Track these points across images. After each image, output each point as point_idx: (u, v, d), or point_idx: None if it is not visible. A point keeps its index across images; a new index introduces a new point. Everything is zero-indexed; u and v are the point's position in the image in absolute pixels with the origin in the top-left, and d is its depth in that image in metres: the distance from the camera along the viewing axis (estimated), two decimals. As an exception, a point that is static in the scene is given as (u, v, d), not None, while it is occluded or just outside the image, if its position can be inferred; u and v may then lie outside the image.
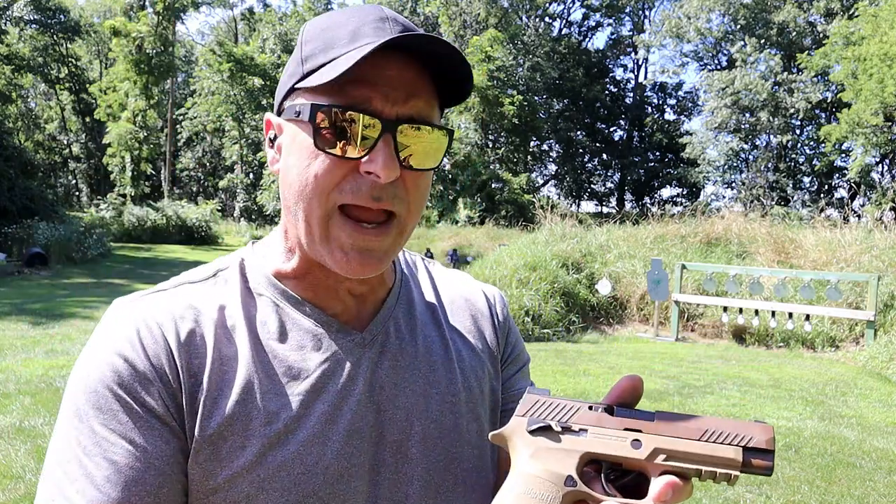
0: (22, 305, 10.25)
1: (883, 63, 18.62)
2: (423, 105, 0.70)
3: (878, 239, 11.27)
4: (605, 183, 41.49)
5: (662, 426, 0.60)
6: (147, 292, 0.77)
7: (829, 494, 4.14)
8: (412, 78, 0.69)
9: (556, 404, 0.63)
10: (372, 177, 0.68)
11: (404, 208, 0.71)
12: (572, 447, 0.61)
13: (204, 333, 0.72)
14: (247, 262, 0.81)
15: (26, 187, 19.02)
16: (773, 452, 0.58)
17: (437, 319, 0.87)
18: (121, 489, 0.65)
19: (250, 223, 31.99)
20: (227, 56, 27.93)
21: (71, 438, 0.68)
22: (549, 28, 38.25)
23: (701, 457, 0.58)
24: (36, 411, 5.12)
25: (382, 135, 0.67)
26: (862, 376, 7.64)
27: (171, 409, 0.69)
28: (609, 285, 10.52)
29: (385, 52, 0.67)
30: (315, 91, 0.69)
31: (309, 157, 0.70)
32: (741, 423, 0.59)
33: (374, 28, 0.70)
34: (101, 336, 0.72)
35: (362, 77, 0.67)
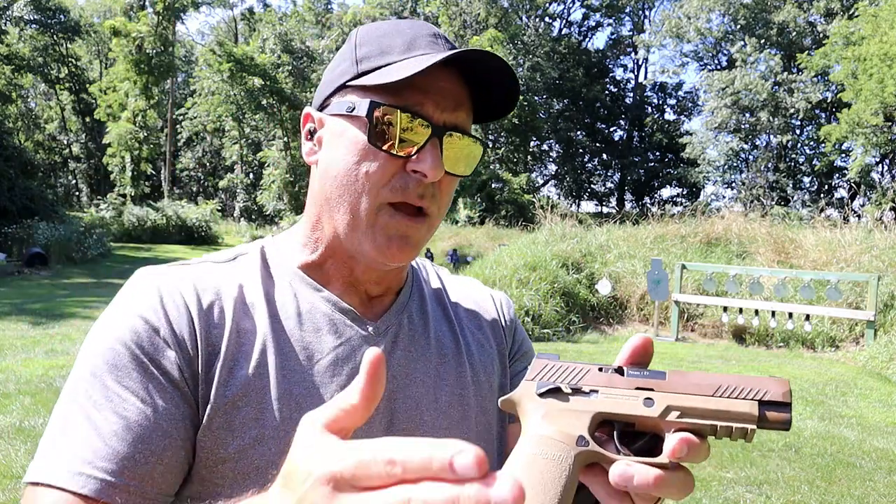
0: (22, 305, 10.25)
1: (883, 63, 18.61)
2: (465, 117, 0.77)
3: (878, 239, 11.27)
4: (605, 183, 41.50)
5: (675, 384, 0.59)
6: (171, 264, 0.80)
7: (829, 494, 4.14)
8: (460, 92, 0.75)
9: (565, 367, 0.62)
10: (418, 175, 0.73)
11: (435, 208, 0.77)
12: (583, 407, 0.60)
13: (224, 307, 0.75)
14: (267, 249, 0.84)
15: (26, 187, 19.01)
16: (790, 405, 0.57)
17: (448, 316, 0.90)
18: (127, 445, 0.65)
19: (250, 223, 31.99)
20: (227, 56, 27.89)
21: (80, 392, 0.68)
22: (549, 28, 38.24)
23: (715, 412, 0.57)
24: (36, 411, 5.12)
25: (431, 138, 0.73)
26: (862, 376, 7.64)
27: (186, 376, 0.70)
28: (609, 285, 10.52)
29: (440, 66, 0.72)
30: (370, 90, 0.74)
31: (359, 152, 0.74)
32: (755, 378, 0.58)
33: (429, 42, 0.76)
34: (123, 299, 0.74)
35: (418, 84, 0.72)
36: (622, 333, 10.29)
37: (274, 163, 29.64)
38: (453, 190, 0.80)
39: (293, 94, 29.57)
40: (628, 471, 0.55)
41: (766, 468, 4.54)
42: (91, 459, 0.64)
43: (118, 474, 0.64)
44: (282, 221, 26.32)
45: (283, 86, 29.18)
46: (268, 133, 32.96)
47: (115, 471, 0.64)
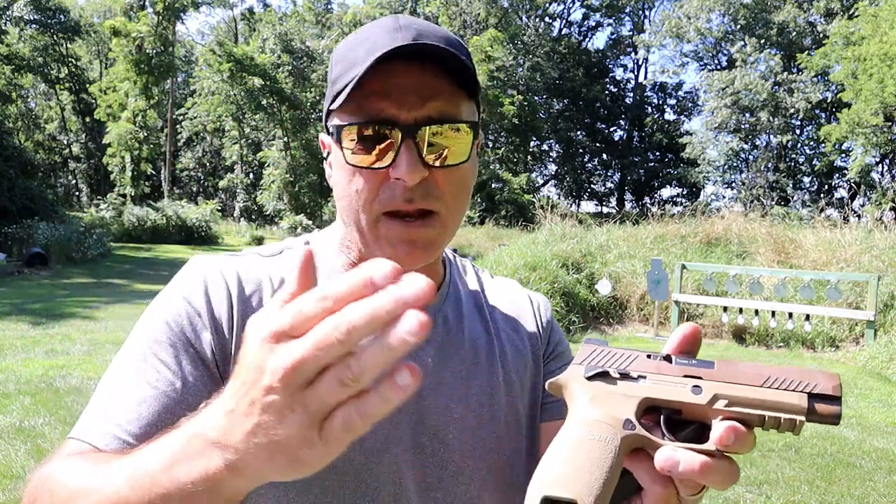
0: (22, 305, 10.25)
1: (883, 63, 18.61)
2: (444, 104, 0.73)
3: (878, 239, 11.26)
4: (605, 183, 41.49)
5: (723, 373, 0.58)
6: (222, 255, 0.85)
7: (829, 494, 4.14)
8: (428, 81, 0.73)
9: (613, 353, 0.62)
10: (401, 181, 0.73)
11: (442, 204, 0.76)
12: (631, 392, 0.59)
13: (263, 297, 0.80)
14: (312, 243, 0.89)
15: (26, 187, 19.00)
16: (840, 399, 0.55)
17: (484, 316, 0.92)
18: (152, 412, 0.70)
19: (250, 223, 31.98)
20: (227, 56, 27.88)
21: (125, 361, 0.75)
22: (549, 28, 38.24)
23: (764, 402, 0.56)
24: (36, 411, 5.12)
25: (403, 140, 0.72)
26: (862, 376, 7.64)
27: (218, 358, 0.75)
28: (609, 285, 10.52)
29: (394, 62, 0.71)
30: (340, 111, 0.75)
31: (347, 173, 0.76)
32: (805, 371, 0.57)
33: (389, 39, 0.73)
34: (175, 282, 0.80)
35: (377, 90, 0.72)
36: (622, 333, 10.30)
37: (274, 163, 29.64)
38: (461, 178, 0.77)
39: (293, 94, 29.56)
40: (674, 456, 0.55)
41: (766, 468, 4.54)
42: (120, 422, 0.69)
43: (140, 437, 0.68)
44: (282, 221, 26.31)
45: (283, 86, 29.17)
46: (268, 133, 32.95)
47: (137, 434, 0.68)
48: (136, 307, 10.70)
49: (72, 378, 6.08)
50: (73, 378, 6.08)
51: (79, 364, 6.64)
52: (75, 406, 5.27)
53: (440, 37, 0.75)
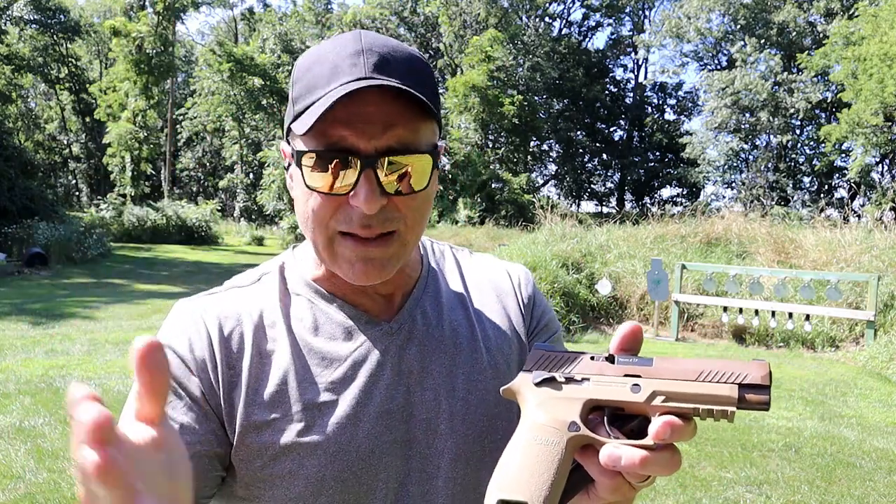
0: (22, 305, 10.24)
1: (883, 63, 18.61)
2: (404, 133, 0.74)
3: (878, 239, 11.26)
4: (605, 183, 41.47)
5: (661, 370, 0.62)
6: (203, 295, 0.88)
7: (829, 494, 4.14)
8: (388, 110, 0.73)
9: (560, 357, 0.66)
10: (359, 209, 0.74)
11: (402, 225, 0.77)
12: (575, 395, 0.64)
13: (244, 333, 0.82)
14: (286, 265, 0.90)
15: (26, 187, 19.00)
16: (769, 387, 0.59)
17: (464, 304, 0.93)
18: None
19: (250, 223, 31.97)
20: (227, 56, 27.91)
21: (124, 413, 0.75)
22: (549, 28, 38.22)
23: (697, 396, 0.59)
24: (36, 411, 5.12)
25: (363, 170, 0.72)
26: (862, 376, 7.64)
27: (209, 398, 0.79)
28: (609, 285, 10.51)
29: (360, 91, 0.71)
30: (302, 136, 0.74)
31: (305, 193, 0.77)
32: (737, 363, 0.61)
33: (350, 65, 0.73)
34: (163, 329, 0.84)
35: (339, 118, 0.72)
36: (622, 333, 10.29)
37: (274, 163, 29.62)
38: (421, 201, 0.77)
39: (293, 94, 29.54)
40: (616, 452, 0.59)
41: (766, 468, 4.54)
42: None
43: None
44: (281, 221, 26.31)
45: (283, 86, 29.18)
46: (268, 133, 32.95)
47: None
48: (136, 307, 10.70)
49: (72, 378, 6.08)
50: (73, 378, 6.08)
51: (79, 364, 6.64)
52: (75, 406, 5.27)
53: (401, 61, 0.75)
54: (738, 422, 5.61)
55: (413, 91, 0.72)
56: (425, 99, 0.73)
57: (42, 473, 3.99)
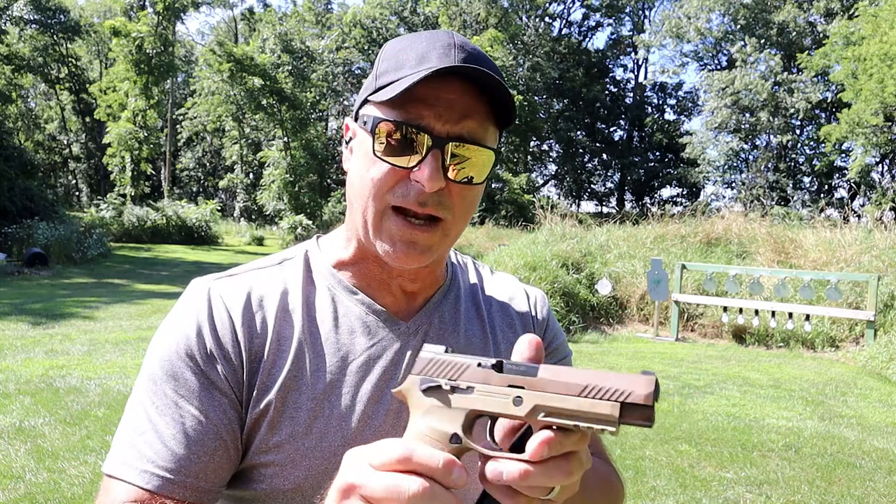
0: (22, 305, 10.24)
1: (883, 63, 18.61)
2: (475, 126, 0.78)
3: (878, 239, 11.27)
4: (605, 183, 41.47)
5: (545, 382, 0.60)
6: (221, 275, 0.88)
7: (829, 494, 4.14)
8: (468, 102, 0.77)
9: (447, 363, 0.64)
10: (419, 185, 0.77)
11: (449, 214, 0.80)
12: (459, 405, 0.62)
13: (266, 316, 0.83)
14: (311, 253, 0.92)
15: (26, 187, 19.00)
16: (653, 407, 0.57)
17: (481, 316, 0.95)
18: (184, 447, 0.76)
19: (250, 223, 31.96)
20: (227, 56, 27.87)
21: (145, 398, 0.79)
22: (549, 28, 38.22)
23: (578, 413, 0.58)
24: (36, 411, 5.12)
25: (432, 149, 0.76)
26: (862, 376, 7.64)
27: (232, 384, 0.80)
28: (609, 285, 10.51)
29: (446, 77, 0.76)
30: (381, 105, 0.79)
31: (369, 161, 0.79)
32: (625, 378, 0.58)
33: (440, 54, 0.78)
34: (179, 311, 0.84)
35: (423, 97, 0.76)
36: (622, 333, 10.30)
37: (274, 163, 29.63)
38: (472, 195, 0.81)
39: (293, 94, 29.55)
40: (497, 468, 0.58)
41: (766, 468, 4.54)
42: (154, 459, 0.75)
43: (176, 472, 0.75)
44: (282, 221, 26.30)
45: (283, 86, 29.16)
46: (268, 133, 32.94)
47: (173, 469, 0.75)
48: (136, 307, 10.70)
49: (72, 378, 6.08)
50: (73, 378, 6.08)
51: (79, 364, 6.64)
52: (75, 406, 5.27)
53: (491, 65, 0.80)
54: (738, 422, 5.61)
55: (501, 80, 0.76)
56: (509, 90, 0.77)
57: (42, 473, 3.99)
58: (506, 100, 0.79)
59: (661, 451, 4.82)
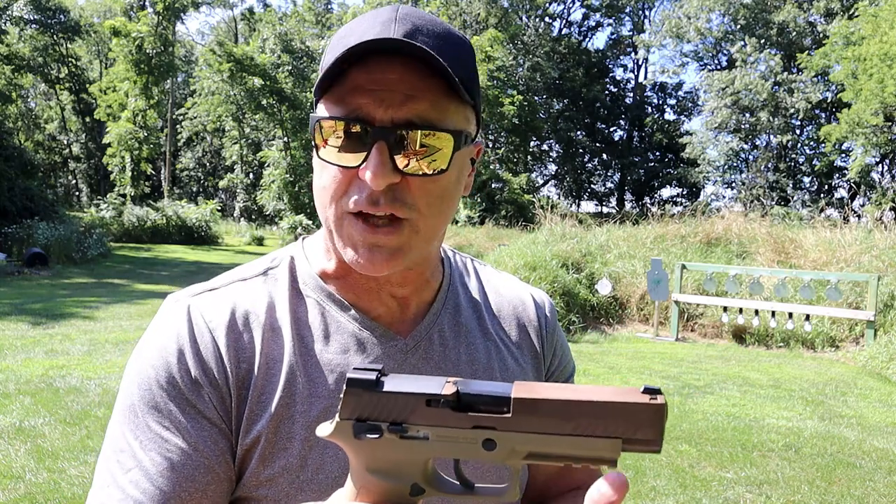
0: (22, 305, 10.24)
1: (883, 63, 18.61)
2: (426, 107, 0.67)
3: (878, 239, 11.26)
4: (605, 183, 41.48)
5: (521, 419, 0.48)
6: (200, 290, 0.79)
7: (829, 494, 4.14)
8: (413, 81, 0.67)
9: (385, 402, 0.51)
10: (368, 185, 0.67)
11: (412, 212, 0.70)
12: (411, 456, 0.51)
13: (253, 335, 0.75)
14: (296, 260, 0.83)
15: (26, 187, 19.00)
16: (660, 440, 0.47)
17: (484, 327, 0.88)
18: (173, 484, 0.68)
19: (250, 223, 31.97)
20: (227, 56, 27.88)
21: (127, 431, 0.71)
22: (549, 28, 38.23)
23: (568, 457, 0.48)
24: (36, 411, 5.12)
25: (376, 142, 0.66)
26: (862, 376, 7.64)
27: (220, 412, 0.72)
28: (609, 285, 10.51)
29: (386, 57, 0.67)
30: (324, 101, 0.70)
31: (320, 167, 0.72)
32: (623, 406, 0.47)
33: (379, 31, 0.68)
34: (156, 333, 0.75)
35: (360, 84, 0.67)
36: (622, 333, 10.30)
37: (274, 163, 29.64)
38: (438, 187, 0.71)
39: (293, 94, 29.55)
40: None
41: (766, 468, 4.54)
42: (141, 500, 0.68)
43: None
44: (281, 221, 26.30)
45: (283, 86, 29.17)
46: (268, 133, 32.95)
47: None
48: (136, 307, 10.70)
49: (72, 378, 6.08)
50: (73, 378, 6.08)
51: (79, 364, 6.64)
52: (75, 406, 5.27)
53: (436, 34, 0.70)
54: (738, 422, 5.61)
55: (437, 56, 0.65)
56: (451, 72, 0.65)
57: (42, 473, 3.99)
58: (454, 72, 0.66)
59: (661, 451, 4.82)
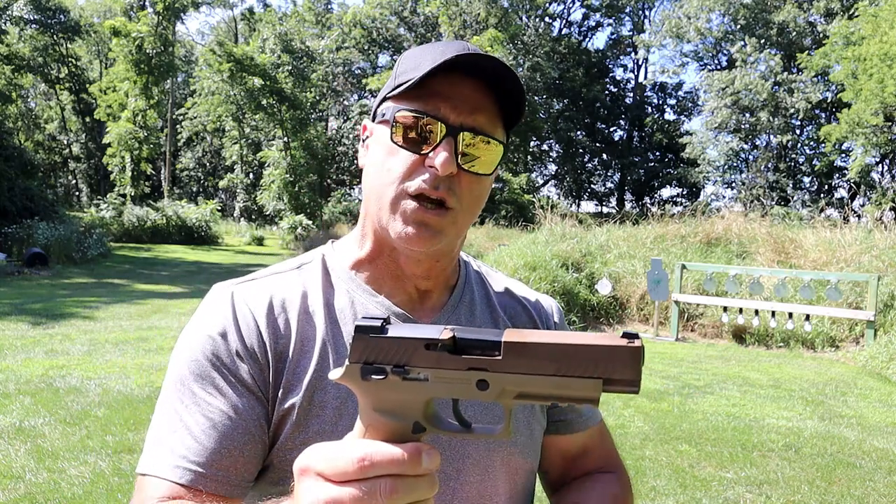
0: (22, 305, 10.24)
1: (883, 63, 18.60)
2: (486, 121, 0.83)
3: (878, 239, 11.26)
4: (605, 183, 41.48)
5: (511, 361, 0.54)
6: (242, 280, 0.91)
7: (829, 494, 4.14)
8: (480, 97, 0.83)
9: (389, 346, 0.57)
10: (433, 170, 0.81)
11: (458, 203, 0.83)
12: (412, 394, 0.57)
13: (289, 317, 0.86)
14: (327, 257, 0.95)
15: (26, 187, 19.00)
16: (638, 380, 0.52)
17: (497, 324, 0.97)
18: (215, 441, 0.78)
19: (250, 223, 31.97)
20: (227, 56, 27.88)
21: (174, 399, 0.81)
22: (549, 28, 38.21)
23: (553, 396, 0.54)
24: (36, 411, 5.12)
25: (446, 137, 0.81)
26: (862, 376, 7.64)
27: (259, 383, 0.82)
28: (609, 285, 10.51)
29: (460, 74, 0.82)
30: (400, 98, 0.84)
31: (388, 150, 0.84)
32: (604, 348, 0.52)
33: (456, 52, 0.82)
34: (203, 315, 0.86)
35: (439, 91, 0.82)
36: (622, 333, 10.29)
37: (274, 163, 29.63)
38: (479, 188, 0.86)
39: (293, 94, 29.55)
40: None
41: (766, 468, 4.54)
42: (185, 454, 0.77)
43: (208, 466, 0.77)
44: (281, 221, 26.30)
45: (283, 86, 29.18)
46: (268, 133, 32.94)
47: (205, 463, 0.77)
48: (136, 307, 10.70)
49: (72, 378, 6.08)
50: (73, 378, 6.08)
51: (79, 364, 6.64)
52: (75, 406, 5.27)
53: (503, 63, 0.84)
54: (738, 422, 5.61)
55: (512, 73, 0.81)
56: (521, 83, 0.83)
57: (42, 473, 3.99)
58: (517, 95, 0.84)
59: (661, 451, 4.82)
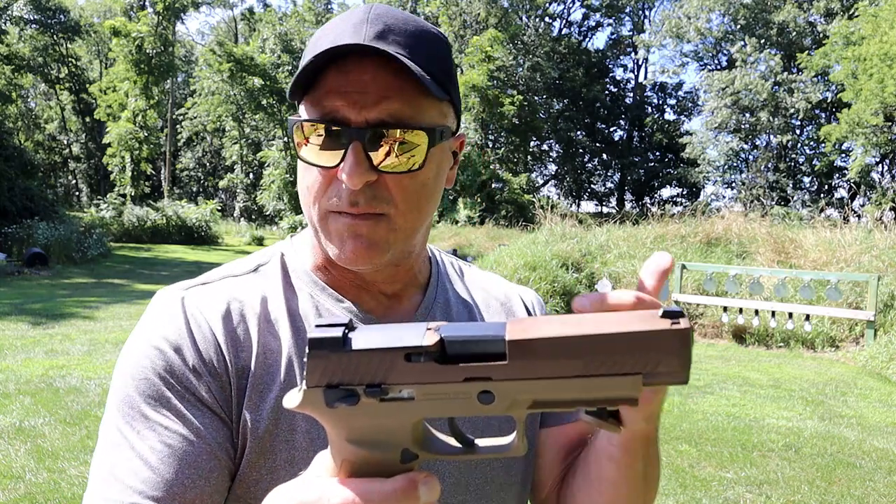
0: (22, 305, 10.24)
1: (883, 63, 18.61)
2: (400, 106, 0.69)
3: (878, 239, 11.26)
4: (605, 183, 41.49)
5: (521, 364, 0.41)
6: (191, 284, 0.79)
7: (829, 494, 4.14)
8: (386, 78, 0.68)
9: (356, 361, 0.43)
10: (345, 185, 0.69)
11: (391, 208, 0.71)
12: (396, 419, 0.44)
13: (248, 326, 0.75)
14: (286, 256, 0.83)
15: (26, 187, 19.00)
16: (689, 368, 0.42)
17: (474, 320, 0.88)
18: (174, 469, 0.66)
19: (250, 223, 31.97)
20: (227, 56, 27.92)
21: (121, 424, 0.69)
22: (549, 28, 38.23)
23: (582, 400, 0.42)
24: (36, 411, 5.12)
25: (351, 143, 0.68)
26: (862, 376, 7.64)
27: (220, 401, 0.71)
28: (609, 285, 10.50)
29: (360, 58, 0.68)
30: (303, 104, 0.72)
31: (303, 167, 0.74)
32: (645, 335, 0.41)
33: (352, 33, 0.69)
34: (150, 325, 0.74)
35: (335, 87, 0.68)
36: (622, 333, 10.30)
37: (274, 163, 29.65)
38: (415, 184, 0.72)
39: (293, 94, 29.55)
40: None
41: (766, 468, 4.54)
42: (142, 489, 0.65)
43: (169, 501, 0.65)
44: (281, 221, 26.31)
45: (283, 86, 29.19)
46: (268, 133, 32.96)
47: (164, 498, 0.65)
48: (136, 307, 10.70)
49: (72, 378, 6.08)
50: (73, 378, 6.08)
51: (79, 364, 6.64)
52: (75, 406, 5.27)
53: (409, 33, 0.71)
54: (738, 422, 5.61)
55: (406, 60, 0.66)
56: (421, 71, 0.67)
57: (42, 473, 3.99)
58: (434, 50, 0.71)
59: (661, 451, 4.82)
